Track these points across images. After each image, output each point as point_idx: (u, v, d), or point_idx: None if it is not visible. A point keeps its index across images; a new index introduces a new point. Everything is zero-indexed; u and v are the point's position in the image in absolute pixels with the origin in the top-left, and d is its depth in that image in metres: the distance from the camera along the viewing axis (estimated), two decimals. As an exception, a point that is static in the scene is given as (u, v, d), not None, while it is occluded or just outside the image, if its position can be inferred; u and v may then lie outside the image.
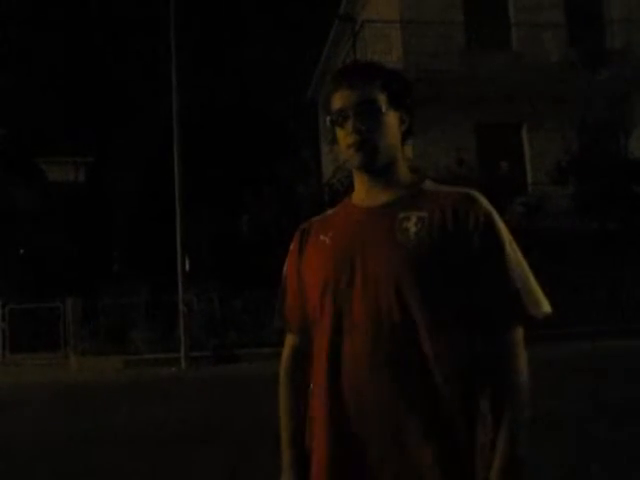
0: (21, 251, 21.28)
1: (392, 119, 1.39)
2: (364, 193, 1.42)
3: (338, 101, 1.39)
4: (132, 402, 7.87)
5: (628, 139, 15.86)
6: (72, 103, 25.02)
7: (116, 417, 6.79)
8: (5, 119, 22.24)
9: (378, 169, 1.38)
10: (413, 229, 1.30)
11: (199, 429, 5.88)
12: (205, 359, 12.16)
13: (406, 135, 1.43)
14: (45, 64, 25.15)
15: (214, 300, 13.79)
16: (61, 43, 25.68)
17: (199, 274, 13.38)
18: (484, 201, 1.33)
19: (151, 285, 14.63)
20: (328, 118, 1.41)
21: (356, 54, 16.43)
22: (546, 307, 1.29)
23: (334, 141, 1.43)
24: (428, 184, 1.41)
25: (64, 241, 21.08)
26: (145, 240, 20.48)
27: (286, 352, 1.49)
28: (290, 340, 1.49)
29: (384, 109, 1.36)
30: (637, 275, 13.29)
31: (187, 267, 12.65)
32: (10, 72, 23.44)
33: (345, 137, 1.38)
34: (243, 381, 9.23)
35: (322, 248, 1.40)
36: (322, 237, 1.41)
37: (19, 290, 17.65)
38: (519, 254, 1.32)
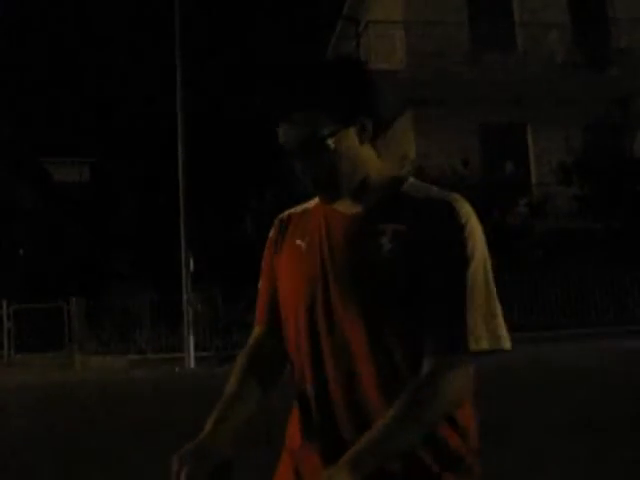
0: (20, 251, 21.35)
1: (348, 140, 1.21)
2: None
3: (280, 135, 1.23)
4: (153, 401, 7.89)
5: (633, 139, 15.83)
6: (76, 103, 25.10)
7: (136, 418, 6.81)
8: (10, 120, 22.34)
9: (347, 194, 1.25)
10: (388, 245, 1.20)
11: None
12: (209, 359, 12.19)
13: (376, 132, 1.24)
14: (49, 65, 25.26)
15: (218, 300, 13.82)
16: (65, 44, 25.79)
17: (203, 274, 13.41)
18: (465, 211, 1.20)
19: (155, 285, 14.68)
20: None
21: (360, 55, 16.44)
22: (491, 344, 1.16)
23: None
24: (407, 186, 1.27)
25: (69, 241, 21.16)
26: (149, 240, 20.53)
27: (251, 338, 1.40)
28: (257, 330, 1.40)
29: (332, 141, 1.19)
30: (641, 275, 13.26)
31: (191, 267, 12.68)
32: (14, 72, 23.58)
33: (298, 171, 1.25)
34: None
35: (298, 253, 1.31)
36: (298, 241, 1.32)
37: (24, 290, 17.71)
38: (489, 276, 1.20)
